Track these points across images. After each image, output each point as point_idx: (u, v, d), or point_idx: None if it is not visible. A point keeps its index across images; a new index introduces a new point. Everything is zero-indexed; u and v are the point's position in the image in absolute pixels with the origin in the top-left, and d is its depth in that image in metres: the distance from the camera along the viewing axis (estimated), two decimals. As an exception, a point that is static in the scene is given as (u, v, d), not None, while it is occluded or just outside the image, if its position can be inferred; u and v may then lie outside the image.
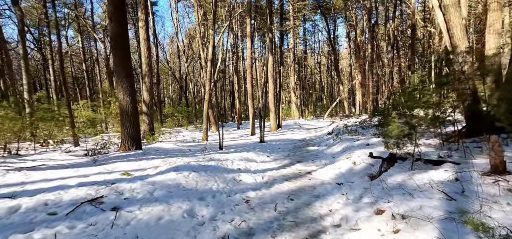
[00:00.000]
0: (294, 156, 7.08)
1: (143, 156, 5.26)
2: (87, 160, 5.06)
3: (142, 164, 4.55)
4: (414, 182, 2.94)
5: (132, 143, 5.64)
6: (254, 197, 3.64)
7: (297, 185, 4.29)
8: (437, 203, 2.23)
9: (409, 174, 3.33)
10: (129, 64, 5.55)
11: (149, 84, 10.02)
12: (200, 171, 4.22)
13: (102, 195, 2.89)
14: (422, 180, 2.94)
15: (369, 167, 4.50)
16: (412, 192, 2.63)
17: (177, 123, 19.32)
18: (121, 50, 5.41)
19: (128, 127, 5.60)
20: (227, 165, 5.24)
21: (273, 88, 14.63)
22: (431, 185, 2.69)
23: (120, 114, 5.68)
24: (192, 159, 5.13)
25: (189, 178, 3.81)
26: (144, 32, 9.87)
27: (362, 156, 5.15)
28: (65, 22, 26.93)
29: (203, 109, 11.03)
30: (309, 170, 5.35)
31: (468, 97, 5.65)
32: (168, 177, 3.71)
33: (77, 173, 3.75)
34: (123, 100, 5.55)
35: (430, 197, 2.39)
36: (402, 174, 3.42)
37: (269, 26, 12.16)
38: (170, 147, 7.87)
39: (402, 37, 24.58)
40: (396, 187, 2.96)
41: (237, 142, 10.15)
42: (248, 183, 4.36)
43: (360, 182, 3.78)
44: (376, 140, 6.87)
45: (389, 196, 2.71)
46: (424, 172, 3.34)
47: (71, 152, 7.36)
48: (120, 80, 5.48)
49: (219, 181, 4.08)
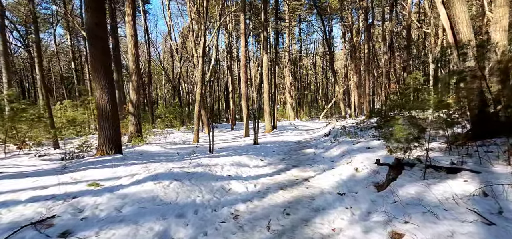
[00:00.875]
0: (289, 160, 6.60)
1: (122, 162, 4.70)
2: (56, 167, 4.48)
3: (118, 171, 4.00)
4: (432, 195, 2.48)
5: (110, 147, 5.06)
6: (245, 211, 3.13)
7: (294, 195, 3.80)
8: (472, 228, 1.77)
9: (423, 185, 2.87)
10: (107, 59, 4.97)
11: (136, 83, 9.42)
12: (184, 180, 3.69)
13: (55, 214, 2.34)
14: (442, 193, 2.48)
15: (373, 174, 4.05)
16: (435, 210, 2.16)
17: (169, 124, 18.66)
18: (98, 43, 4.83)
19: (106, 129, 5.02)
20: (215, 171, 4.72)
21: (268, 88, 14.17)
22: (456, 201, 2.23)
23: (98, 114, 5.09)
24: (177, 165, 4.59)
25: (168, 189, 3.27)
26: (131, 27, 9.27)
27: (365, 161, 4.70)
28: (53, 20, 25.96)
29: (194, 110, 10.47)
30: (307, 177, 4.87)
31: (475, 97, 5.28)
32: (143, 188, 3.17)
33: (35, 184, 3.18)
34: (100, 98, 4.98)
35: (460, 218, 1.93)
36: (414, 185, 2.97)
37: (263, 24, 11.70)
38: (156, 151, 7.30)
39: (397, 39, 24.45)
40: (412, 202, 2.50)
41: (230, 145, 9.62)
42: (239, 193, 3.85)
43: (366, 193, 3.31)
44: (376, 143, 6.45)
45: (406, 215, 2.24)
46: (440, 182, 2.89)
47: (46, 156, 6.72)
48: (97, 76, 4.90)
49: (205, 192, 3.56)
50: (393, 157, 4.79)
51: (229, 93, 25.76)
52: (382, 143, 6.35)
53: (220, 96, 36.56)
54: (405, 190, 2.88)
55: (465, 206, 2.10)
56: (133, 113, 9.35)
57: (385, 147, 5.93)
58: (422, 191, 2.70)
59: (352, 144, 6.92)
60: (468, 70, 3.80)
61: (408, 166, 3.96)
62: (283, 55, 28.00)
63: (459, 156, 4.20)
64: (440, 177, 3.23)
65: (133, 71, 9.38)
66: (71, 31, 25.46)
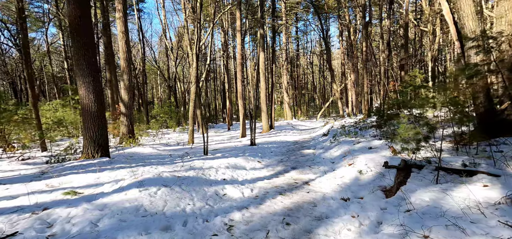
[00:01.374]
0: (288, 161, 6.31)
1: (108, 166, 4.35)
2: (34, 172, 4.11)
3: (102, 176, 3.65)
4: (452, 203, 2.20)
5: (96, 149, 4.70)
6: (240, 221, 2.82)
7: (294, 201, 3.50)
8: (511, 247, 1.49)
9: (438, 190, 2.59)
10: (92, 55, 4.60)
11: (128, 82, 9.04)
12: (173, 186, 3.37)
13: (17, 231, 2.00)
14: (462, 201, 2.20)
15: (379, 177, 3.76)
16: (459, 222, 1.87)
17: (163, 124, 18.26)
18: (81, 38, 4.47)
19: (91, 130, 4.65)
20: (209, 175, 4.40)
21: (265, 87, 13.86)
22: (481, 211, 1.95)
23: (82, 114, 4.72)
24: (167, 169, 4.27)
25: (155, 197, 2.94)
26: (122, 24, 8.89)
27: (369, 162, 4.42)
28: (45, 18, 25.36)
29: (188, 110, 10.12)
30: (307, 180, 4.57)
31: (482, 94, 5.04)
32: (127, 197, 2.84)
33: (5, 193, 2.83)
34: (85, 97, 4.61)
35: (493, 234, 1.64)
36: (427, 190, 2.68)
37: (260, 20, 11.39)
38: (147, 152, 6.95)
39: (394, 38, 24.35)
40: (429, 211, 2.20)
41: (226, 145, 9.30)
42: (234, 199, 3.54)
43: (373, 199, 3.01)
44: (378, 142, 6.18)
45: (425, 227, 1.94)
46: (456, 187, 2.61)
47: (30, 160, 6.32)
48: (81, 74, 4.53)
49: (197, 199, 3.24)
50: (399, 158, 4.53)
51: (225, 93, 25.41)
52: (385, 143, 6.09)
53: (217, 96, 36.20)
54: (418, 196, 2.59)
55: (494, 217, 1.82)
56: (125, 113, 8.97)
57: (389, 147, 5.67)
58: (438, 198, 2.41)
59: (353, 144, 6.65)
60: (484, 63, 3.52)
61: (416, 168, 3.68)
62: (280, 55, 27.74)
63: (468, 157, 3.94)
64: (453, 181, 2.96)
65: (125, 69, 9.00)
66: (63, 30, 24.88)
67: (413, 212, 2.26)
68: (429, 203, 2.35)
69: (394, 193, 2.92)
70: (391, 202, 2.73)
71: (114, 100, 13.14)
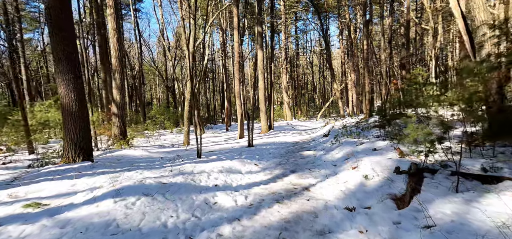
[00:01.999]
0: (287, 164, 5.92)
1: (89, 171, 3.96)
2: (6, 178, 3.72)
3: (78, 184, 3.27)
4: (482, 217, 1.81)
5: (78, 152, 4.31)
6: (229, 236, 2.44)
7: (292, 211, 3.11)
8: None
9: (461, 201, 2.20)
10: (73, 50, 4.20)
11: (120, 81, 8.66)
12: (156, 194, 2.98)
13: None
14: (497, 215, 1.81)
15: (387, 183, 3.37)
16: (499, 247, 1.49)
17: (161, 125, 17.87)
18: (60, 31, 4.08)
19: (72, 132, 4.26)
20: (200, 180, 4.01)
21: (264, 86, 13.48)
22: (524, 231, 1.56)
23: (62, 114, 4.33)
24: (153, 174, 3.88)
25: (132, 209, 2.56)
26: (113, 21, 8.51)
27: (375, 166, 4.03)
28: (41, 18, 25.04)
29: (184, 110, 9.75)
30: (306, 185, 4.18)
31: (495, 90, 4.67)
32: (98, 209, 2.45)
33: (-43, 205, 2.45)
34: (65, 96, 4.22)
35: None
36: (447, 199, 2.30)
37: (258, 17, 11.02)
38: (138, 155, 6.57)
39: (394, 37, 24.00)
40: (454, 227, 1.82)
41: (222, 147, 8.91)
42: (225, 209, 3.15)
43: (382, 209, 2.63)
44: (383, 143, 5.79)
45: (454, 252, 1.56)
46: (481, 197, 2.22)
47: (11, 163, 5.96)
48: (60, 70, 4.14)
49: (182, 209, 2.85)
50: (408, 161, 4.14)
51: (224, 93, 25.03)
52: (390, 144, 5.70)
53: (217, 96, 35.83)
54: (437, 208, 2.20)
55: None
56: (117, 114, 8.59)
57: (394, 149, 5.28)
58: (462, 211, 2.02)
59: (355, 145, 6.26)
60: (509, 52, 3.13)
61: (428, 173, 3.30)
62: (280, 54, 27.37)
63: (485, 160, 3.55)
64: (475, 189, 2.57)
65: (116, 68, 8.62)
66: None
67: (435, 230, 1.87)
68: (453, 218, 1.96)
69: (408, 203, 2.53)
70: (405, 214, 2.34)
71: (109, 100, 12.76)
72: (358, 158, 4.92)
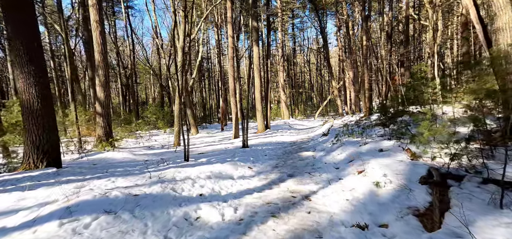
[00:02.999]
0: (284, 167, 5.35)
1: (51, 179, 3.35)
2: None
3: (28, 197, 2.66)
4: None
5: (40, 157, 3.68)
6: (209, 269, 1.86)
7: (290, 228, 2.55)
8: None
9: (514, 222, 1.65)
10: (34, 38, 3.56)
11: (104, 78, 8.01)
12: (122, 211, 2.39)
13: None
14: None
15: (404, 191, 2.81)
16: None
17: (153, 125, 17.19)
18: (16, 14, 3.45)
19: (33, 133, 3.63)
20: (182, 189, 3.42)
21: (260, 84, 12.90)
22: None
23: (22, 113, 3.67)
24: (125, 183, 3.28)
25: (83, 234, 1.97)
26: (96, 12, 7.86)
27: (385, 170, 3.48)
28: None
29: (174, 109, 9.14)
30: (307, 193, 3.62)
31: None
32: (34, 235, 1.86)
33: None
34: (24, 91, 3.58)
35: None
36: (493, 218, 1.75)
37: (252, 10, 10.42)
38: (120, 158, 5.95)
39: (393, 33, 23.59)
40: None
41: (215, 148, 8.32)
42: (209, 226, 2.57)
43: (405, 230, 2.07)
44: (389, 143, 5.24)
45: None
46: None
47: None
48: (18, 61, 3.51)
49: (152, 230, 2.27)
50: (423, 164, 3.59)
51: (220, 91, 24.40)
52: (397, 144, 5.16)
53: (213, 95, 35.18)
54: (482, 232, 1.65)
55: None
56: (101, 113, 7.95)
57: (403, 150, 4.74)
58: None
59: (359, 145, 5.73)
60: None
61: (452, 180, 2.75)
62: (276, 52, 26.80)
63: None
64: (521, 202, 2.02)
65: (100, 64, 7.98)
66: (49, 29, 23.67)
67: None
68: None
69: (439, 222, 1.98)
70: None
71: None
72: (363, 160, 4.37)
